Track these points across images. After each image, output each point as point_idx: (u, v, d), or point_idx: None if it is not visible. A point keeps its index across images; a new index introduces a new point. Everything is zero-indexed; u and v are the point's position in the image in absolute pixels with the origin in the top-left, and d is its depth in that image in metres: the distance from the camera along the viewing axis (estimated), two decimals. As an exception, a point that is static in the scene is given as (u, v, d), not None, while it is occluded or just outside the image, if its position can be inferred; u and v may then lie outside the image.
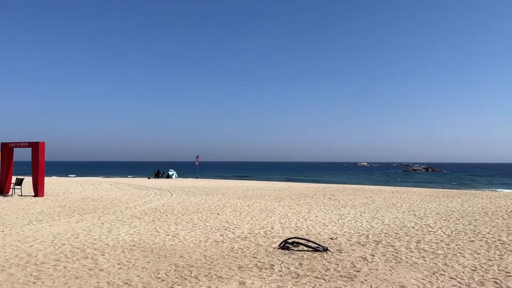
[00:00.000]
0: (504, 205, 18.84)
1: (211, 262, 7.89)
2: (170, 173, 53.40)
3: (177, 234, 10.89)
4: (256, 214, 15.08)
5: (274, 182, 42.96)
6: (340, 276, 6.97)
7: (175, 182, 39.65)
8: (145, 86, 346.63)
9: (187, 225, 12.50)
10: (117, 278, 6.77)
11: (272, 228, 11.99)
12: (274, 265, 7.66)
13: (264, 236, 10.70)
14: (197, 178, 51.16)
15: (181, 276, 6.91)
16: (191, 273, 7.12)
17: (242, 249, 9.08)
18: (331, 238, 10.46)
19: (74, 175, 55.97)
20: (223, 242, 9.92)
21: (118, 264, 7.75)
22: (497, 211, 16.63)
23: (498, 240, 10.34)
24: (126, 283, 6.49)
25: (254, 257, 8.31)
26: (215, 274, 7.04)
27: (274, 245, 9.51)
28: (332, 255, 8.51)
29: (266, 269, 7.39)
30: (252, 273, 7.11)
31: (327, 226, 12.51)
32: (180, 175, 57.38)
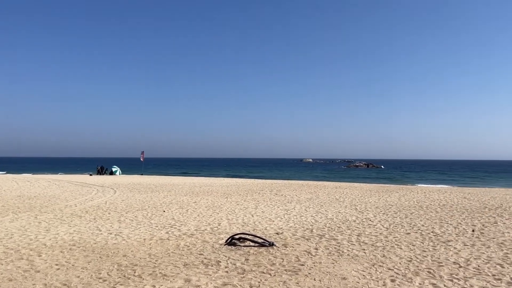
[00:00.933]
0: (437, 199, 20.11)
1: (156, 260, 7.73)
2: (114, 169, 51.63)
3: (121, 233, 10.56)
4: (203, 211, 14.98)
5: (222, 179, 42.87)
6: (285, 270, 7.10)
7: (119, 179, 38.38)
8: (85, 82, 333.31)
9: (131, 223, 12.15)
10: (54, 280, 6.44)
11: (219, 225, 11.97)
12: (220, 262, 7.66)
13: (211, 233, 10.66)
14: (142, 174, 49.87)
15: (124, 276, 6.71)
16: (134, 272, 6.94)
17: (188, 246, 8.98)
18: (277, 233, 10.62)
19: (4, 172, 52.14)
20: (168, 239, 9.76)
21: (56, 264, 7.38)
22: (431, 204, 17.72)
23: (432, 232, 11.02)
24: (65, 285, 6.19)
25: (200, 254, 8.26)
26: (160, 273, 6.90)
27: (220, 242, 9.50)
28: (278, 250, 8.65)
29: (212, 266, 7.36)
30: (198, 270, 7.06)
31: (273, 221, 12.69)
32: (124, 171, 55.63)
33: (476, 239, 9.96)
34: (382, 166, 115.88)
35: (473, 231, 11.12)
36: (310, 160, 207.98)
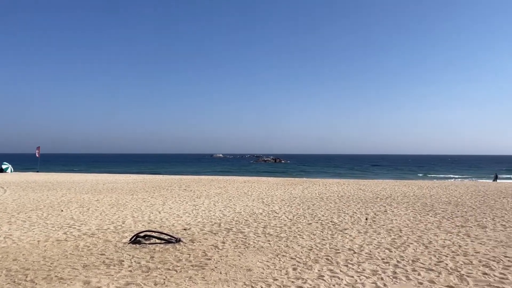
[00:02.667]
0: (336, 191, 21.57)
1: (52, 263, 7.17)
2: (4, 166, 46.60)
3: (11, 235, 9.60)
4: (106, 209, 14.24)
5: (128, 175, 41.13)
6: (192, 265, 7.07)
7: (10, 176, 34.78)
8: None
9: (24, 224, 11.11)
10: None
11: (124, 223, 11.49)
12: (123, 261, 7.36)
13: (114, 232, 10.19)
14: (38, 172, 45.79)
15: (14, 281, 6.13)
16: (26, 277, 6.37)
17: (89, 247, 8.48)
18: (184, 229, 10.52)
19: None
20: (66, 240, 9.11)
21: None
22: (330, 196, 18.93)
23: (331, 221, 11.79)
24: None
25: (102, 254, 7.85)
26: (56, 276, 6.43)
27: (124, 240, 9.13)
28: (185, 246, 8.57)
29: (114, 266, 7.05)
30: (99, 271, 6.71)
31: (181, 217, 12.54)
32: (17, 169, 50.57)
33: (368, 227, 10.88)
34: (289, 161, 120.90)
35: (366, 219, 12.13)
36: (221, 155, 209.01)
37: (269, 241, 9.09)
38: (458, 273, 6.66)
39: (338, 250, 8.28)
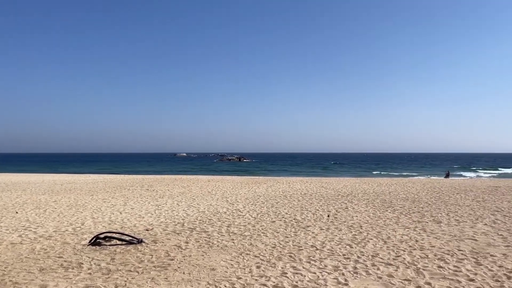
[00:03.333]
0: (299, 189, 21.86)
1: (5, 268, 6.85)
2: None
3: (-41, 240, 9.08)
4: (64, 210, 13.75)
5: (87, 175, 39.91)
6: (154, 266, 6.96)
7: (-41, 177, 32.90)
8: None
9: (-26, 228, 10.55)
10: None
11: (83, 224, 11.14)
12: (82, 263, 7.14)
13: (73, 233, 9.86)
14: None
15: (-37, 289, 5.81)
16: (-23, 283, 6.05)
17: (46, 250, 8.17)
18: (146, 229, 10.33)
19: None
20: (21, 243, 8.73)
21: None
22: (294, 194, 19.17)
23: (294, 219, 11.94)
24: None
25: (60, 257, 7.58)
26: (10, 281, 6.15)
27: (83, 242, 8.86)
28: (147, 246, 8.42)
29: (73, 269, 6.83)
30: (56, 275, 6.48)
31: (143, 217, 12.31)
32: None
33: (330, 224, 11.10)
34: (253, 160, 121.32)
35: (328, 216, 12.38)
36: (184, 154, 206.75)
37: (233, 240, 9.09)
38: (415, 266, 6.92)
39: (301, 247, 8.40)
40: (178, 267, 6.88)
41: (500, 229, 10.25)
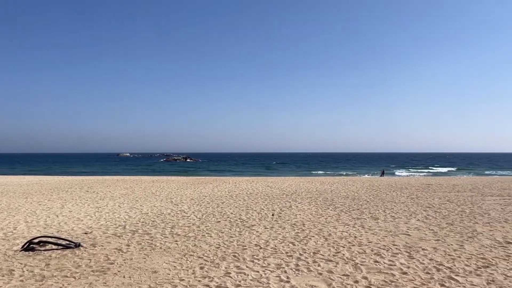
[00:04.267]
0: (245, 188, 21.99)
1: None
2: None
3: None
4: (-7, 214, 12.84)
5: (21, 177, 37.53)
6: (92, 271, 6.70)
7: None
8: None
9: None
10: None
11: (15, 229, 10.47)
12: (14, 270, 6.71)
13: (4, 239, 9.24)
14: None
15: None
16: None
17: (-29, 258, 7.58)
18: (85, 233, 9.91)
19: None
20: None
21: None
22: (240, 193, 19.25)
23: (239, 218, 11.99)
24: None
25: (-12, 265, 7.07)
26: None
27: (16, 248, 8.33)
28: (85, 251, 8.09)
29: (3, 276, 6.40)
30: (-17, 284, 6.04)
31: (82, 220, 11.79)
32: None
33: (274, 222, 11.28)
34: (200, 160, 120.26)
35: (272, 215, 12.56)
36: (128, 154, 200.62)
37: (176, 241, 8.96)
38: (353, 262, 7.22)
39: (245, 246, 8.46)
40: (118, 271, 6.67)
41: (431, 224, 10.94)
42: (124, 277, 6.36)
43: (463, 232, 9.85)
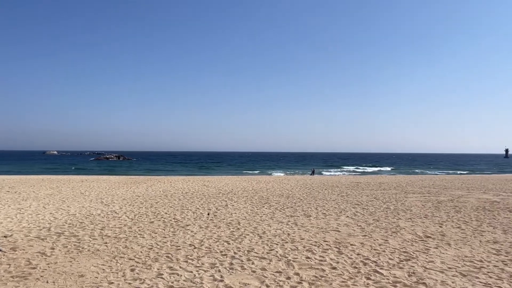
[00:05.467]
0: (181, 188, 21.66)
1: None
2: None
3: None
4: None
5: None
6: (12, 277, 6.22)
7: None
8: None
9: None
10: None
11: None
12: None
13: None
14: None
15: None
16: None
17: None
18: (4, 236, 9.18)
19: None
20: None
21: None
22: (175, 193, 18.92)
23: (173, 218, 11.77)
24: None
25: None
26: None
27: None
28: (4, 255, 7.49)
29: None
30: None
31: (2, 223, 10.90)
32: None
33: (210, 222, 11.23)
34: (134, 159, 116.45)
35: (208, 214, 12.50)
36: (55, 152, 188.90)
37: (106, 243, 8.59)
38: (286, 259, 7.39)
39: (179, 246, 8.33)
40: (41, 276, 6.26)
41: (359, 221, 11.52)
42: (47, 282, 5.98)
43: (387, 228, 10.48)
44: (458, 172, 60.25)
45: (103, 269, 6.67)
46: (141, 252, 7.85)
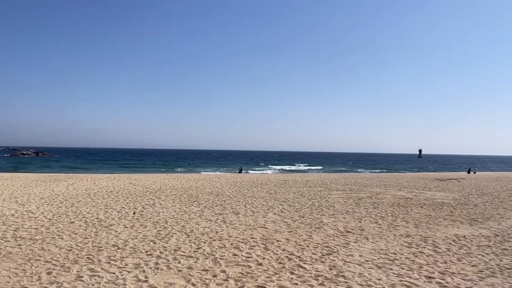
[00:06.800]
0: (106, 186, 20.74)
1: None
2: None
3: None
4: None
5: None
6: None
7: None
8: None
9: None
10: None
11: None
12: None
13: None
14: None
15: None
16: None
17: None
18: None
19: None
20: None
21: None
22: (99, 192, 18.08)
23: (96, 218, 11.25)
24: None
25: None
26: None
27: None
28: None
29: None
30: None
31: None
32: None
33: (135, 221, 10.89)
34: (55, 155, 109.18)
35: (134, 213, 12.11)
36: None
37: (20, 245, 7.99)
38: (213, 256, 7.40)
39: (102, 247, 7.98)
40: None
41: (286, 217, 11.86)
42: None
43: (312, 224, 10.92)
44: (377, 170, 64.37)
45: (16, 273, 6.19)
46: (59, 254, 7.40)
